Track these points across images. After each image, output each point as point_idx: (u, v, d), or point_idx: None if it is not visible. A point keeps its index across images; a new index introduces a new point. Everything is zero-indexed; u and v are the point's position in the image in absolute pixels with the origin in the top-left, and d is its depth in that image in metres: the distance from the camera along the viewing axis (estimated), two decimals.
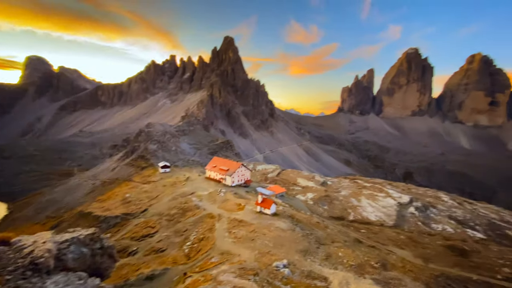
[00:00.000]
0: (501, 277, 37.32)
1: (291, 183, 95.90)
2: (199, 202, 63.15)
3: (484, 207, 79.46)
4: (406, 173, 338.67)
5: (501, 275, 37.95)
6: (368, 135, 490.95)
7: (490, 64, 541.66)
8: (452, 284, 32.67)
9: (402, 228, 60.80)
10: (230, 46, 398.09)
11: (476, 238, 55.26)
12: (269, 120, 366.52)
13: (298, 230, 43.62)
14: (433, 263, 41.47)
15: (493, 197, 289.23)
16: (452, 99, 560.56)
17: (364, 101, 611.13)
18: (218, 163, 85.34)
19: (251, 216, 50.36)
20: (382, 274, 31.52)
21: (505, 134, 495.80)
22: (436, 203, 76.16)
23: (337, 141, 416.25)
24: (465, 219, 66.79)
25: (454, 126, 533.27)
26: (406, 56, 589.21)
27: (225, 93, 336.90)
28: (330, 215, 68.00)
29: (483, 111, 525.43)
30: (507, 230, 62.38)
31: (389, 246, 47.96)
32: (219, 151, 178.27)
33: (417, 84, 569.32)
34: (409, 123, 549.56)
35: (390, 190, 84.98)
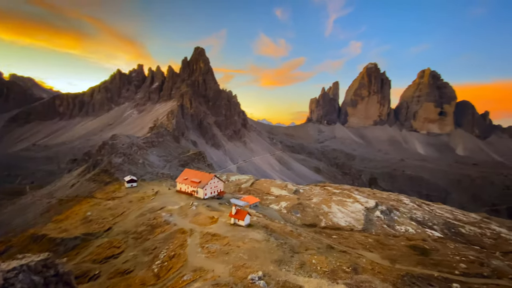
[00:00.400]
0: (458, 273, 40.65)
1: (264, 193, 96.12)
2: (169, 217, 60.23)
3: (439, 208, 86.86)
4: (371, 179, 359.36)
5: (458, 270, 41.35)
6: (336, 144, 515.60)
7: (438, 78, 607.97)
8: (416, 282, 34.68)
9: (370, 231, 63.80)
10: (201, 56, 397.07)
11: (434, 237, 59.87)
12: (241, 130, 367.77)
13: (272, 240, 43.52)
14: (399, 264, 43.88)
15: (447, 197, 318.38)
16: (407, 110, 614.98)
17: (330, 111, 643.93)
18: (189, 175, 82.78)
19: (225, 228, 49.20)
20: (353, 278, 32.50)
21: (453, 141, 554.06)
22: (398, 206, 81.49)
23: (308, 150, 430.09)
24: (424, 219, 72.26)
25: (410, 134, 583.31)
26: (366, 70, 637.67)
27: (197, 104, 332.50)
28: (303, 222, 69.08)
29: (434, 121, 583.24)
30: (460, 228, 68.66)
31: (359, 250, 49.84)
32: (191, 162, 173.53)
33: (377, 96, 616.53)
34: (372, 132, 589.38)
35: (357, 195, 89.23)
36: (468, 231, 66.50)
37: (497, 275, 40.32)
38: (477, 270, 41.58)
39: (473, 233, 65.38)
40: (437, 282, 36.13)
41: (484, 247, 56.38)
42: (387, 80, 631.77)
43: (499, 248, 56.04)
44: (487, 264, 43.74)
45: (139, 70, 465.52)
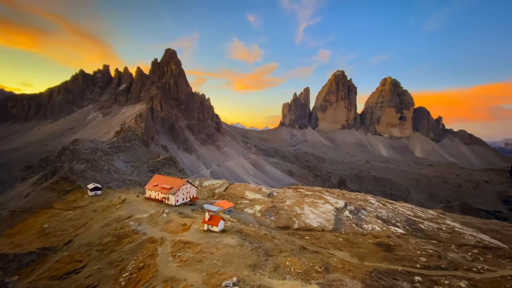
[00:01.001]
0: (419, 266, 43.89)
1: (239, 197, 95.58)
2: (137, 226, 57.12)
3: (401, 206, 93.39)
4: (340, 180, 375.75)
5: (419, 264, 44.65)
6: (307, 147, 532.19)
7: (398, 86, 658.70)
8: (382, 277, 36.73)
9: (340, 231, 66.47)
10: (172, 58, 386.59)
11: (398, 234, 64.12)
12: (215, 134, 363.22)
13: (247, 244, 43.29)
14: (367, 260, 46.20)
15: (408, 196, 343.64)
16: (372, 115, 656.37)
17: (302, 116, 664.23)
18: (159, 181, 79.50)
19: (198, 235, 47.91)
20: (325, 278, 33.52)
21: (412, 143, 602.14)
22: (365, 206, 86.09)
23: (281, 153, 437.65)
24: (388, 218, 77.13)
25: (375, 137, 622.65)
26: (334, 78, 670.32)
27: (168, 107, 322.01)
28: (277, 225, 69.79)
29: (395, 125, 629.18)
30: (420, 224, 74.39)
31: (330, 250, 51.61)
32: (161, 168, 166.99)
33: (344, 101, 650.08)
34: (340, 135, 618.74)
35: (328, 196, 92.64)
36: (427, 226, 72.30)
37: (453, 266, 44.27)
38: (436, 262, 45.27)
39: (431, 228, 71.21)
40: (401, 276, 38.62)
41: (441, 241, 61.65)
42: (353, 87, 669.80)
43: (454, 241, 61.68)
44: (444, 257, 47.85)
45: (105, 71, 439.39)
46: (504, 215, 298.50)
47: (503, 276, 40.21)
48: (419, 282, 36.72)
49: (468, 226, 75.13)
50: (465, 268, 43.36)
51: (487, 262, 47.47)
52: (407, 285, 35.67)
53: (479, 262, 46.78)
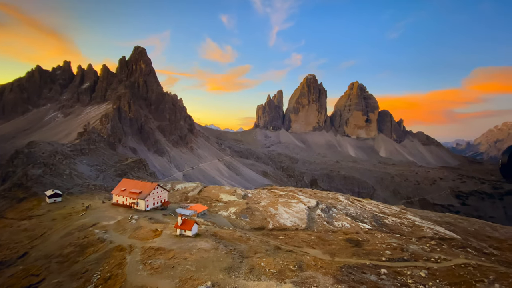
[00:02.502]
0: (385, 259, 46.76)
1: (213, 200, 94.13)
2: (103, 234, 53.55)
3: (368, 203, 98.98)
4: (312, 180, 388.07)
5: (384, 257, 47.58)
6: (281, 148, 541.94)
7: (364, 90, 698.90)
8: (352, 272, 38.50)
9: (312, 229, 68.54)
10: (141, 56, 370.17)
11: (365, 229, 67.80)
12: (188, 135, 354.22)
13: (221, 247, 42.73)
14: (337, 257, 48.16)
15: (374, 193, 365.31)
16: (341, 117, 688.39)
17: (276, 118, 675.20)
18: (128, 185, 75.43)
19: (170, 241, 46.23)
20: (299, 276, 34.28)
21: (377, 144, 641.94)
22: (335, 204, 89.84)
23: (256, 155, 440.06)
24: (357, 214, 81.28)
25: (343, 139, 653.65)
26: (306, 81, 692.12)
27: (137, 107, 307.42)
28: (252, 226, 69.92)
29: (361, 127, 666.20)
30: (384, 219, 79.46)
31: (303, 248, 52.94)
32: (130, 172, 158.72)
33: (315, 104, 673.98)
34: (312, 137, 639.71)
35: (301, 196, 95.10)
36: (391, 221, 77.45)
37: (414, 257, 47.85)
38: (399, 255, 48.60)
39: (394, 223, 76.41)
40: (368, 270, 40.83)
41: (403, 234, 66.40)
42: (324, 90, 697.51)
43: (414, 234, 66.80)
44: (406, 249, 51.54)
45: (66, 68, 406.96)
46: (457, 208, 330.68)
47: (457, 265, 44.39)
48: (384, 274, 39.10)
49: (426, 219, 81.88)
50: (425, 259, 47.14)
51: (443, 252, 52.08)
52: (374, 277, 37.79)
53: (436, 253, 51.14)
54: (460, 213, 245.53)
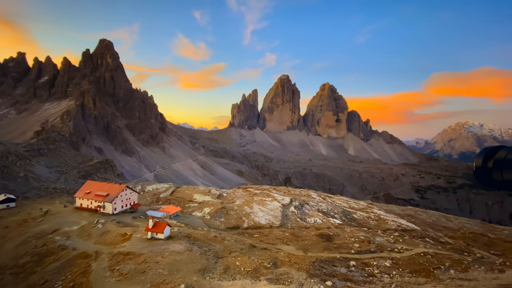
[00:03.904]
0: (354, 252, 49.30)
1: (187, 200, 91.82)
2: (65, 241, 49.66)
3: (338, 199, 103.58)
4: (286, 178, 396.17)
5: (353, 250, 50.15)
6: (256, 147, 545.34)
7: (335, 91, 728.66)
8: (324, 265, 40.04)
9: (286, 226, 70.02)
10: (108, 50, 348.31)
11: (336, 224, 70.86)
12: (159, 134, 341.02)
13: (195, 249, 41.86)
14: (310, 252, 49.75)
15: (343, 190, 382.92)
16: (313, 117, 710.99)
17: (251, 117, 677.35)
18: (93, 188, 70.69)
19: (141, 245, 44.23)
20: (274, 272, 34.84)
21: (346, 143, 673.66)
22: (308, 201, 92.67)
23: (230, 154, 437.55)
24: (328, 210, 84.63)
25: (315, 138, 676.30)
26: (280, 81, 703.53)
27: (103, 104, 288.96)
28: (227, 226, 69.48)
29: (332, 126, 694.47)
30: (353, 214, 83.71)
31: (277, 245, 53.87)
32: (95, 173, 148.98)
33: (289, 104, 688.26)
34: (286, 136, 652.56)
35: (275, 194, 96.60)
36: (359, 216, 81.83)
37: (380, 249, 51.07)
38: (367, 247, 51.53)
39: (362, 217, 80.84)
40: (339, 263, 42.77)
41: (370, 228, 70.52)
42: (297, 90, 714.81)
43: (380, 227, 71.27)
44: (373, 241, 54.81)
45: (20, 59, 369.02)
46: (417, 202, 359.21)
47: (417, 254, 48.25)
48: (353, 266, 41.23)
49: (390, 213, 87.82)
50: (389, 250, 50.55)
51: (405, 242, 56.28)
52: (344, 270, 39.69)
53: (399, 243, 55.11)
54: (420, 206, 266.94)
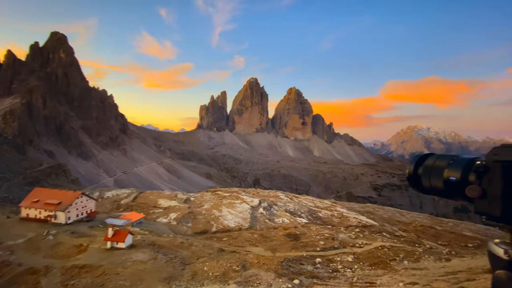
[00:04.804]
0: (319, 249, 51.44)
1: (151, 206, 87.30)
2: (9, 256, 43.87)
3: (305, 199, 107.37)
4: (255, 180, 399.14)
5: (319, 247, 52.31)
6: (225, 149, 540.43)
7: (301, 95, 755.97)
8: (292, 264, 41.11)
9: (255, 228, 70.49)
10: (61, 44, 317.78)
11: (302, 223, 73.28)
12: (120, 136, 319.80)
13: (160, 256, 39.97)
14: (278, 252, 50.71)
15: (309, 190, 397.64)
16: (280, 120, 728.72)
17: (219, 119, 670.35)
18: (42, 195, 63.66)
19: (99, 256, 40.91)
20: (243, 275, 34.78)
21: (311, 145, 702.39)
22: (276, 201, 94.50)
23: (198, 156, 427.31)
24: (295, 210, 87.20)
25: (283, 140, 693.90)
26: (249, 84, 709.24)
27: (54, 103, 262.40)
28: (194, 231, 67.59)
29: (298, 129, 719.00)
30: (318, 212, 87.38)
31: (247, 247, 53.94)
32: (45, 179, 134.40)
33: (258, 107, 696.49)
34: (255, 138, 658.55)
35: (244, 196, 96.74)
36: (324, 214, 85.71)
37: (343, 245, 54.01)
38: (331, 244, 54.13)
39: (326, 215, 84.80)
40: (306, 260, 44.26)
41: (334, 225, 74.26)
42: (266, 94, 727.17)
43: (343, 224, 75.42)
44: (336, 238, 57.77)
45: None
46: (375, 199, 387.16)
47: (376, 247, 51.98)
48: (319, 263, 43.02)
49: (351, 210, 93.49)
50: (351, 245, 53.74)
51: (365, 238, 60.30)
52: (311, 267, 41.19)
53: (360, 239, 58.88)
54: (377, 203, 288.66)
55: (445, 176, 2.24)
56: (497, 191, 1.85)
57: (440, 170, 2.29)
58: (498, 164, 1.88)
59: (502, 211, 1.85)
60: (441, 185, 2.27)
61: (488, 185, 1.89)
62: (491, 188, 1.88)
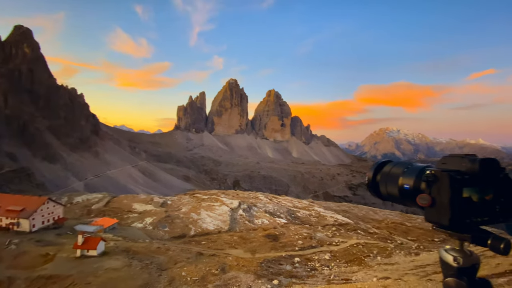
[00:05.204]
0: (298, 248, 52.40)
1: (125, 211, 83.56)
2: None
3: (284, 199, 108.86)
4: (235, 181, 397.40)
5: (297, 247, 53.29)
6: (204, 151, 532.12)
7: (280, 97, 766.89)
8: (271, 265, 41.48)
9: (235, 230, 70.16)
10: (25, 38, 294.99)
11: (282, 224, 74.20)
12: (92, 138, 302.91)
13: (135, 263, 38.38)
14: (258, 253, 50.90)
15: (288, 190, 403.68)
16: (260, 121, 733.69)
17: (198, 120, 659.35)
18: (3, 202, 58.50)
19: (68, 265, 38.38)
20: (222, 278, 34.46)
21: (290, 146, 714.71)
22: (256, 203, 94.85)
23: (176, 158, 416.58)
24: (274, 210, 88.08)
25: (263, 141, 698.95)
26: (228, 85, 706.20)
27: (17, 101, 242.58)
28: (172, 235, 65.74)
29: (278, 130, 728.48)
30: (297, 212, 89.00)
31: (226, 250, 53.51)
32: (6, 184, 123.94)
33: (237, 108, 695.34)
34: (234, 140, 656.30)
35: (223, 198, 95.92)
36: (302, 214, 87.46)
37: (320, 244, 55.48)
38: (309, 243, 55.37)
39: (304, 215, 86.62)
40: (285, 260, 44.87)
41: (312, 224, 76.03)
42: (245, 95, 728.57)
43: (320, 223, 77.45)
44: (314, 237, 59.20)
45: None
46: (350, 198, 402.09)
47: (351, 245, 54.01)
48: (298, 262, 43.82)
49: (328, 209, 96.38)
50: (328, 244, 55.37)
51: (341, 236, 62.45)
52: (289, 267, 41.84)
53: (336, 237, 60.86)
54: (352, 201, 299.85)
55: (399, 183, 2.27)
56: (445, 200, 1.89)
57: (396, 177, 2.33)
58: (445, 173, 1.91)
59: (450, 220, 1.90)
60: (397, 193, 2.31)
61: (437, 194, 1.93)
62: (440, 197, 1.92)
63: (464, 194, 1.90)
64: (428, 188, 1.99)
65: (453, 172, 1.91)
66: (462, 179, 1.89)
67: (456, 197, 1.88)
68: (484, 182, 1.95)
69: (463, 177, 1.90)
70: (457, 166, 1.99)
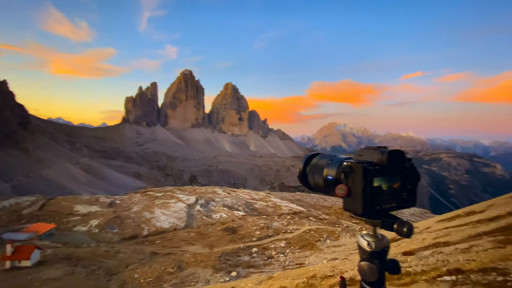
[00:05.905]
0: (255, 239, 53.93)
1: (65, 214, 74.69)
2: None
3: (242, 192, 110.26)
4: (191, 177, 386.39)
5: (255, 237, 54.82)
6: (157, 146, 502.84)
7: (237, 91, 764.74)
8: (229, 258, 41.97)
9: (192, 226, 68.71)
10: None
11: (240, 216, 75.22)
12: (19, 132, 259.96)
13: (79, 270, 34.87)
14: (216, 247, 50.91)
15: (246, 183, 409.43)
16: (217, 115, 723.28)
17: (150, 112, 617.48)
18: None
19: None
20: (179, 276, 33.65)
21: (248, 140, 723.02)
22: (214, 197, 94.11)
23: (125, 154, 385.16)
24: (232, 204, 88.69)
25: (220, 135, 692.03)
26: (183, 76, 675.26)
27: None
28: (122, 237, 61.25)
29: (235, 124, 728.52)
30: (254, 204, 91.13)
31: (182, 247, 52.21)
32: None
33: (193, 100, 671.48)
34: (190, 133, 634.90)
35: (179, 195, 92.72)
36: (259, 205, 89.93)
37: (276, 232, 57.98)
38: (266, 233, 57.43)
39: (262, 206, 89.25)
40: (243, 252, 45.85)
41: (268, 215, 78.82)
42: (201, 87, 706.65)
43: (276, 213, 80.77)
44: (270, 227, 61.56)
45: None
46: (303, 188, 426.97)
47: (304, 231, 57.71)
48: (255, 253, 45.22)
49: (284, 199, 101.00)
50: (283, 232, 58.24)
51: (295, 223, 66.20)
52: (247, 257, 42.95)
53: (291, 225, 64.32)
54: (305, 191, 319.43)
55: (324, 174, 2.40)
56: (359, 189, 2.03)
57: (321, 169, 2.45)
58: (360, 165, 2.04)
59: (363, 208, 2.06)
60: (322, 183, 2.43)
61: (352, 184, 2.06)
62: (354, 187, 2.05)
63: (374, 183, 2.04)
64: (346, 179, 2.10)
65: (366, 163, 2.04)
66: (373, 170, 2.02)
67: (368, 187, 2.01)
68: (392, 172, 2.11)
69: (374, 168, 2.03)
70: (370, 157, 2.12)
